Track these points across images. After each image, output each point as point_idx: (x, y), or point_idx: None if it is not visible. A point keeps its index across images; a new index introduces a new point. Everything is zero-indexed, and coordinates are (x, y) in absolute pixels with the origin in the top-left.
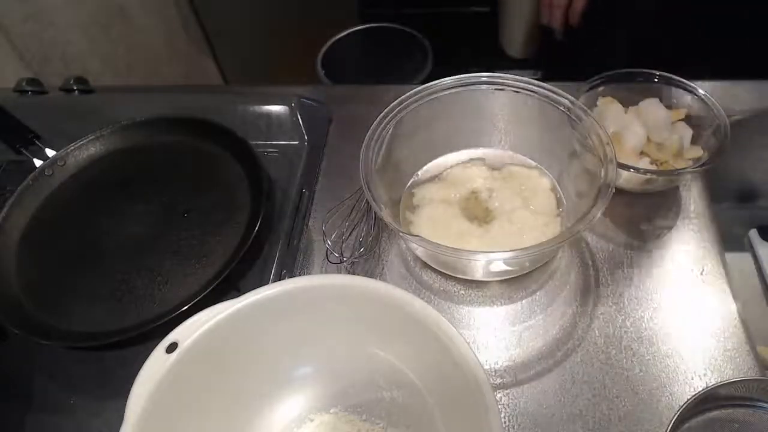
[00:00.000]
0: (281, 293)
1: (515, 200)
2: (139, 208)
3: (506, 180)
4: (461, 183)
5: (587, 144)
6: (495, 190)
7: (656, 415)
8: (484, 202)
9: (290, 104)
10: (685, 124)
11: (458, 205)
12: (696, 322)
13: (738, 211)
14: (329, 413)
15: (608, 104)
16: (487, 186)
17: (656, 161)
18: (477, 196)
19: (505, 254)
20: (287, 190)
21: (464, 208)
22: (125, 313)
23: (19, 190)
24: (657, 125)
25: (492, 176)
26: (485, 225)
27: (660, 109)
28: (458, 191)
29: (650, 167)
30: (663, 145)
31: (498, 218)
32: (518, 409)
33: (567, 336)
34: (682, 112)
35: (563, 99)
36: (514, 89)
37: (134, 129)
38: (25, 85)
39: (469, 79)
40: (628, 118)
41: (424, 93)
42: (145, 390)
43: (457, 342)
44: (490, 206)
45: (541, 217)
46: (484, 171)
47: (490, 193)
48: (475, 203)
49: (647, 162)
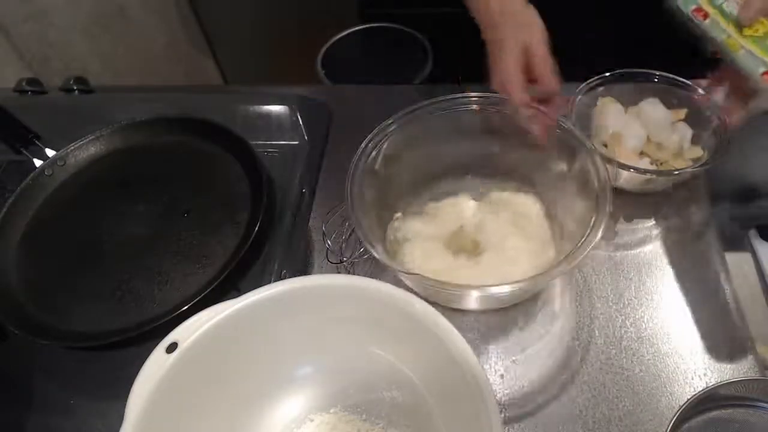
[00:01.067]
0: (281, 293)
1: (505, 227)
2: (139, 208)
3: (494, 207)
4: (447, 216)
5: (578, 164)
6: (483, 219)
7: (656, 415)
8: (473, 232)
9: (290, 104)
10: (685, 124)
11: (447, 237)
12: (696, 322)
13: (738, 211)
14: (329, 413)
15: (608, 104)
16: (474, 217)
17: (656, 161)
18: (465, 226)
19: (505, 288)
20: (287, 190)
21: (453, 240)
22: (125, 313)
23: (19, 190)
24: (657, 125)
25: (478, 206)
26: (478, 255)
27: (660, 109)
28: (444, 222)
29: (650, 167)
30: (663, 145)
31: (490, 248)
32: (518, 409)
33: (567, 336)
34: (682, 112)
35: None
36: (497, 109)
37: (134, 129)
38: (25, 85)
39: (449, 102)
40: (628, 118)
41: (405, 119)
42: (145, 390)
43: (456, 342)
44: (480, 236)
45: (535, 242)
46: (469, 200)
47: (478, 225)
48: (464, 234)
49: (647, 162)
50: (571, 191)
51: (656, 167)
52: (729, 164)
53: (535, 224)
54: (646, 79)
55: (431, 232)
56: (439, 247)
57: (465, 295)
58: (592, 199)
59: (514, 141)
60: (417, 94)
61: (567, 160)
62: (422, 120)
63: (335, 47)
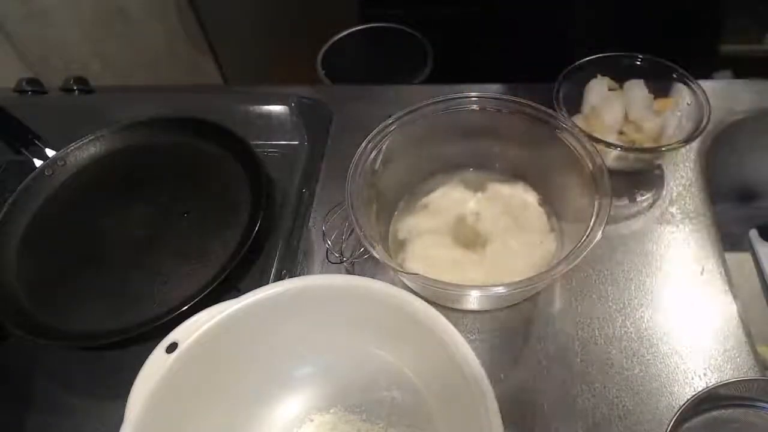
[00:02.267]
0: (281, 293)
1: (505, 220)
2: (139, 208)
3: (491, 200)
4: (446, 209)
5: (574, 156)
6: (482, 212)
7: (656, 415)
8: (473, 226)
9: (290, 104)
10: (672, 114)
11: (447, 233)
12: (696, 322)
13: (738, 211)
14: (329, 413)
15: (598, 82)
16: (473, 209)
17: (633, 141)
18: (464, 221)
19: (505, 288)
20: (287, 190)
21: (454, 236)
22: (125, 313)
23: (19, 190)
24: (636, 105)
25: (476, 198)
26: (480, 250)
27: (641, 90)
28: (444, 219)
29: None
30: (643, 128)
31: (491, 241)
32: (518, 409)
33: (567, 337)
34: (673, 102)
35: (543, 114)
36: (494, 108)
37: (134, 129)
38: (25, 85)
39: (449, 101)
40: (611, 95)
41: (405, 119)
42: (145, 390)
43: (457, 342)
44: (480, 230)
45: (535, 235)
46: (467, 194)
47: (477, 216)
48: (464, 229)
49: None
50: (568, 180)
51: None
52: (729, 164)
53: (532, 215)
54: (637, 61)
55: (432, 226)
56: (442, 240)
57: (465, 295)
58: (589, 188)
59: (514, 140)
60: (417, 94)
61: (557, 147)
62: (422, 120)
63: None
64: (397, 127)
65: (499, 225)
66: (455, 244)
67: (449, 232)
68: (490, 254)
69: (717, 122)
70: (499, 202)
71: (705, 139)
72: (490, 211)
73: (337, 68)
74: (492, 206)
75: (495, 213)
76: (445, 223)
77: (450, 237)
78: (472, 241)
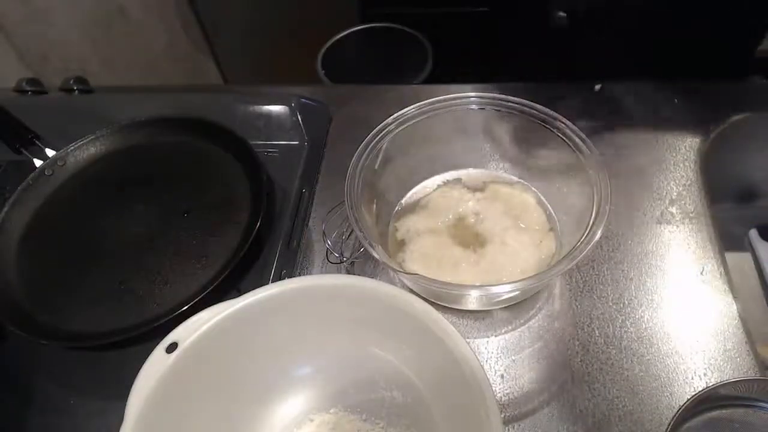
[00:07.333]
0: (281, 293)
1: (504, 220)
2: (139, 208)
3: (490, 200)
4: (445, 209)
5: (573, 156)
6: (481, 212)
7: (656, 415)
8: (472, 226)
9: (290, 104)
10: None
11: (447, 233)
12: (696, 322)
13: (738, 211)
14: (329, 413)
15: None
16: (473, 209)
17: None
18: (464, 221)
19: (505, 287)
20: (287, 190)
21: (453, 236)
22: (125, 313)
23: (19, 190)
24: None
25: (475, 198)
26: (479, 250)
27: None
28: (444, 219)
29: None
30: None
31: (491, 241)
32: (518, 408)
33: (567, 336)
34: None
35: (543, 114)
36: (494, 108)
37: (134, 129)
38: (25, 85)
39: (449, 101)
40: None
41: (405, 119)
42: (145, 390)
43: (457, 341)
44: (479, 230)
45: (534, 235)
46: (465, 193)
47: (476, 216)
48: (464, 229)
49: None
50: (567, 180)
51: None
52: (729, 164)
53: (531, 215)
54: None
55: (432, 226)
56: (441, 240)
57: (465, 295)
58: (588, 187)
59: (514, 140)
60: (417, 94)
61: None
62: (422, 120)
63: (335, 47)
64: (397, 127)
65: (499, 225)
66: (455, 244)
67: (449, 232)
68: (489, 254)
69: (717, 122)
70: (498, 202)
71: (705, 139)
72: (489, 211)
73: (337, 68)
74: (492, 206)
75: (495, 213)
76: (445, 223)
77: (450, 237)
78: (471, 241)
